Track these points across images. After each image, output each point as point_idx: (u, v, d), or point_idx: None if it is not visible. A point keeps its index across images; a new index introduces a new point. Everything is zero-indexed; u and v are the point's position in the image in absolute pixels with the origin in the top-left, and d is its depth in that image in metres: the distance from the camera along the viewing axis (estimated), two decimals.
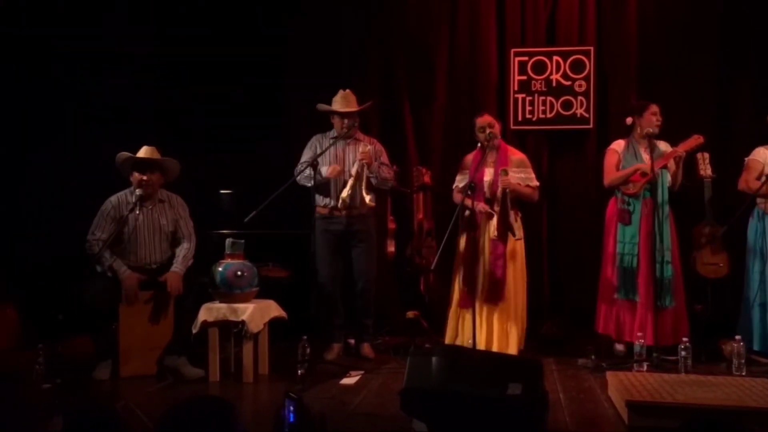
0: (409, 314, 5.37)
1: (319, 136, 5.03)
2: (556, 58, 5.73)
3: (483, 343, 4.71)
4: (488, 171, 4.86)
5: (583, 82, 5.70)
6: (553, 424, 3.44)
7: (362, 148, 4.83)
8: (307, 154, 4.92)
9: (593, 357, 4.60)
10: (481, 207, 4.82)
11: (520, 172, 4.87)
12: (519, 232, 4.84)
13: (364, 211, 4.90)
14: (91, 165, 5.37)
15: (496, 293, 4.77)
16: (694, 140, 4.76)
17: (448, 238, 4.39)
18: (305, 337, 4.30)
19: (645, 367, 4.41)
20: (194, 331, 4.42)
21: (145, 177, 4.54)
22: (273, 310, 4.60)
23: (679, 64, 5.59)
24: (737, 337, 4.41)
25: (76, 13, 5.85)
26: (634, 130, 4.90)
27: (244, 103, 5.90)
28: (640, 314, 4.71)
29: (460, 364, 3.28)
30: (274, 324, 4.59)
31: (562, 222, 5.81)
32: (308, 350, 4.29)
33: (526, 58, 5.76)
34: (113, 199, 4.62)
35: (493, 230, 4.76)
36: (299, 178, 4.75)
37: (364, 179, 4.82)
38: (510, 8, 5.80)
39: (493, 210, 4.78)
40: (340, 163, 4.89)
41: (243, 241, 4.61)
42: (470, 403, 3.12)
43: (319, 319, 4.83)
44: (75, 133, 5.93)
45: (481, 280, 4.79)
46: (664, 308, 4.68)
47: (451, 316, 4.94)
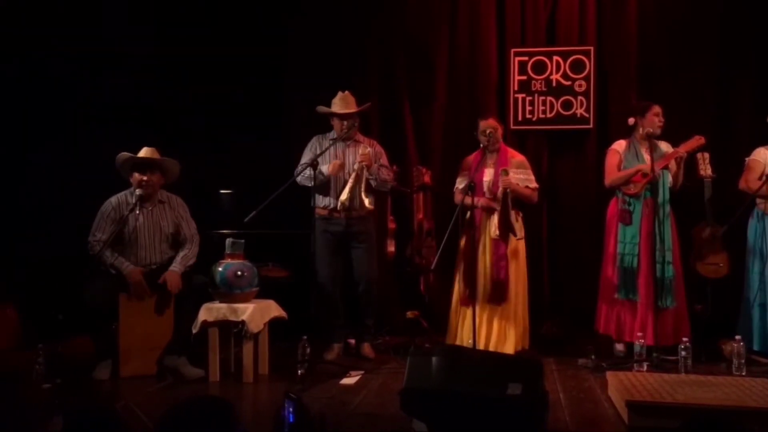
0: (409, 314, 5.37)
1: (319, 137, 5.03)
2: (556, 58, 5.73)
3: (482, 343, 4.71)
4: (488, 171, 4.87)
5: (583, 82, 5.70)
6: (553, 424, 3.44)
7: (362, 150, 4.82)
8: (307, 156, 4.91)
9: (593, 357, 4.60)
10: (483, 201, 4.82)
11: (519, 174, 4.88)
12: (520, 232, 4.85)
13: (363, 213, 4.90)
14: (91, 165, 5.37)
15: (499, 294, 4.77)
16: (695, 141, 4.76)
17: (448, 238, 4.40)
18: (305, 337, 4.30)
19: (645, 367, 4.41)
20: (194, 331, 4.42)
21: (145, 177, 4.53)
22: (273, 310, 4.60)
23: (679, 64, 5.59)
24: (737, 337, 4.41)
25: (76, 13, 5.85)
26: (636, 131, 4.89)
27: (244, 103, 5.90)
28: (641, 314, 4.71)
29: (460, 364, 3.28)
30: (274, 324, 4.59)
31: (562, 222, 5.80)
32: (308, 350, 4.29)
33: (526, 58, 5.76)
34: (113, 200, 4.61)
35: (494, 229, 4.76)
36: (299, 179, 4.75)
37: (364, 181, 4.82)
38: (510, 8, 5.80)
39: (494, 208, 4.78)
40: None
41: (243, 241, 4.61)
42: (470, 403, 3.12)
43: (319, 319, 4.83)
44: (75, 133, 5.93)
45: (483, 281, 4.79)
46: (665, 308, 4.69)
47: (452, 315, 4.95)
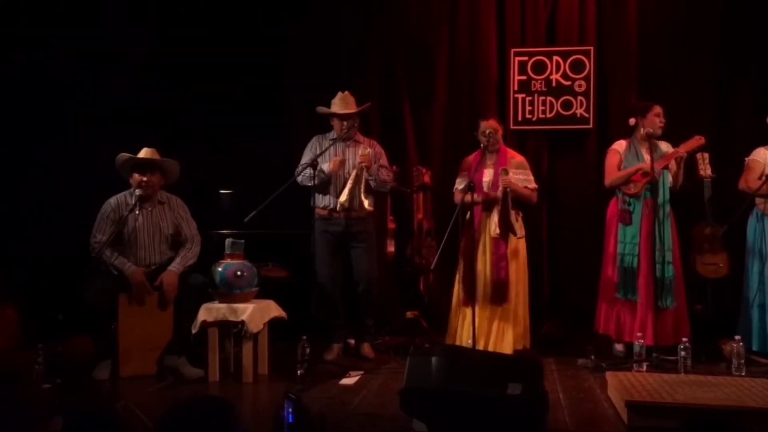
0: (409, 314, 5.37)
1: (319, 136, 5.02)
2: (556, 58, 5.73)
3: (481, 343, 4.70)
4: (487, 172, 4.87)
5: (583, 82, 5.70)
6: (553, 424, 3.44)
7: (362, 150, 4.82)
8: (307, 156, 4.91)
9: (593, 357, 4.59)
10: (483, 195, 4.81)
11: (519, 174, 4.88)
12: (520, 231, 4.85)
13: (363, 214, 4.90)
14: (91, 165, 5.36)
15: (500, 295, 4.77)
16: (696, 141, 4.75)
17: (448, 238, 4.40)
18: (305, 337, 4.30)
19: (645, 368, 4.41)
20: (194, 331, 4.42)
21: (145, 178, 4.53)
22: (273, 310, 4.60)
23: (679, 64, 5.59)
24: (737, 338, 4.41)
25: (76, 13, 5.85)
26: (637, 131, 4.88)
27: (244, 103, 5.89)
28: (641, 314, 4.71)
29: (460, 364, 3.28)
30: (273, 324, 4.59)
31: (562, 222, 5.81)
32: (308, 350, 4.29)
33: (526, 58, 5.76)
34: (112, 200, 4.61)
35: (494, 228, 4.76)
36: (300, 179, 4.75)
37: (363, 183, 4.82)
38: (510, 8, 5.80)
39: (495, 208, 4.78)
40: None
41: (243, 241, 4.61)
42: (470, 403, 3.12)
43: (318, 319, 4.83)
44: (75, 133, 5.92)
45: (483, 281, 4.79)
46: (665, 308, 4.69)
47: (452, 316, 4.95)
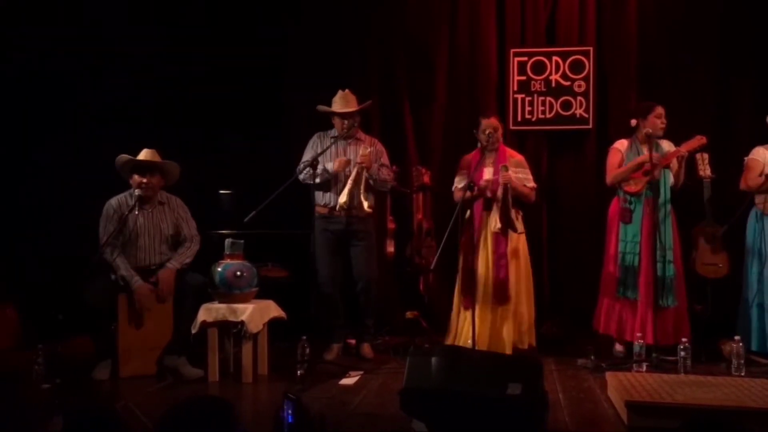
0: (409, 314, 5.37)
1: (321, 134, 5.02)
2: (555, 58, 5.73)
3: (480, 343, 4.70)
4: (487, 170, 4.87)
5: (583, 83, 5.70)
6: (552, 424, 3.44)
7: (362, 150, 4.81)
8: (308, 153, 4.91)
9: (593, 357, 4.59)
10: (483, 183, 4.80)
11: (518, 173, 4.88)
12: (520, 228, 4.84)
13: (363, 214, 4.89)
14: (91, 165, 5.37)
15: (502, 295, 4.77)
16: (697, 141, 4.74)
17: (448, 238, 4.40)
18: (305, 337, 4.30)
19: (644, 368, 4.41)
20: (194, 332, 4.42)
21: (145, 180, 4.52)
22: (272, 310, 4.59)
23: (679, 64, 5.59)
24: (736, 338, 4.41)
25: (76, 13, 5.85)
26: (638, 132, 4.88)
27: (244, 103, 5.90)
28: (641, 313, 4.71)
29: (460, 364, 3.28)
30: (273, 324, 4.59)
31: (562, 222, 5.81)
32: (308, 350, 4.29)
33: (525, 59, 5.76)
34: (113, 201, 4.61)
35: (495, 223, 4.75)
36: (302, 177, 4.74)
37: (363, 183, 4.82)
38: (510, 8, 5.80)
39: (495, 205, 4.77)
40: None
41: (242, 241, 4.60)
42: (470, 403, 3.12)
43: (318, 319, 4.83)
44: (75, 133, 5.92)
45: (484, 280, 4.79)
46: (666, 307, 4.69)
47: (453, 316, 4.95)
